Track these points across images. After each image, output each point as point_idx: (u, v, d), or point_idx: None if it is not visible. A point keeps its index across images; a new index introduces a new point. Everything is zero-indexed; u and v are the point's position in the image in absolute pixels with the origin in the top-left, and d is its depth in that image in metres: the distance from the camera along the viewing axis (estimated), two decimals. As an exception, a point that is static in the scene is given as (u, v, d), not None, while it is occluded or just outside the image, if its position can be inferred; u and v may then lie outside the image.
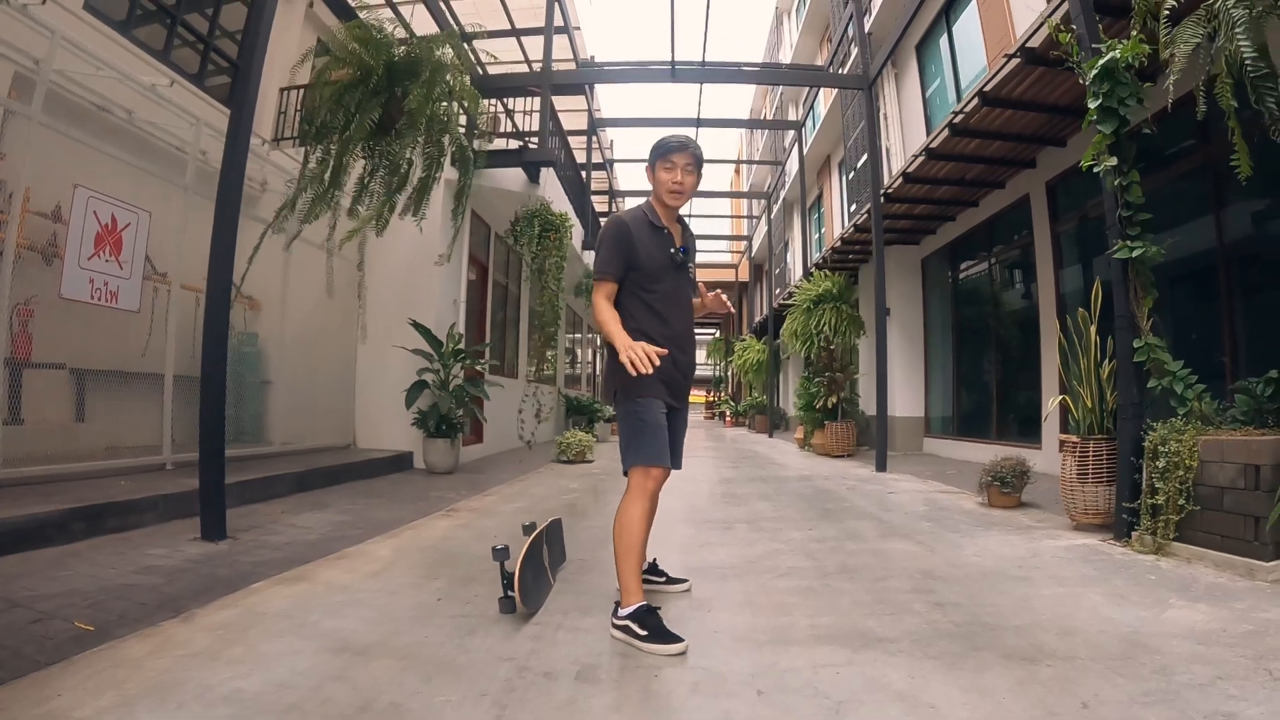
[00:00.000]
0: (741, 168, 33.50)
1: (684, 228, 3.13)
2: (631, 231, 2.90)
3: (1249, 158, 3.90)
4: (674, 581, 3.29)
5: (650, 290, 2.91)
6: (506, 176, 9.51)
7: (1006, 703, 2.03)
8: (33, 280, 4.98)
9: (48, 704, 1.95)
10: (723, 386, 36.97)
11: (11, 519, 3.62)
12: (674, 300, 2.96)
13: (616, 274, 2.89)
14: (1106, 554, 4.00)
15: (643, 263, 2.89)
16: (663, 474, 2.81)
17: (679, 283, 3.00)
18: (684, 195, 2.97)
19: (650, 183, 3.01)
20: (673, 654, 2.41)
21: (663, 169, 2.93)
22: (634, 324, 2.86)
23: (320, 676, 2.20)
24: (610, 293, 2.91)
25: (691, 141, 2.96)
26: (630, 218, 2.97)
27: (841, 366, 11.87)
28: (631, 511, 2.72)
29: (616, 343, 2.70)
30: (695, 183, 2.98)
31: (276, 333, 7.36)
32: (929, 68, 11.85)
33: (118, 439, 5.79)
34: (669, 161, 2.91)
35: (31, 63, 4.93)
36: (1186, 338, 6.09)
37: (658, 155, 2.95)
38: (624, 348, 2.63)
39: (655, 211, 2.99)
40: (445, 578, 3.45)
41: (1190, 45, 3.78)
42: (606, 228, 2.99)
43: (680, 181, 2.92)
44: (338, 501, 5.69)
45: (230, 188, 4.28)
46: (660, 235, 2.96)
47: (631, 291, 2.92)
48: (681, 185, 2.93)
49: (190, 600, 2.95)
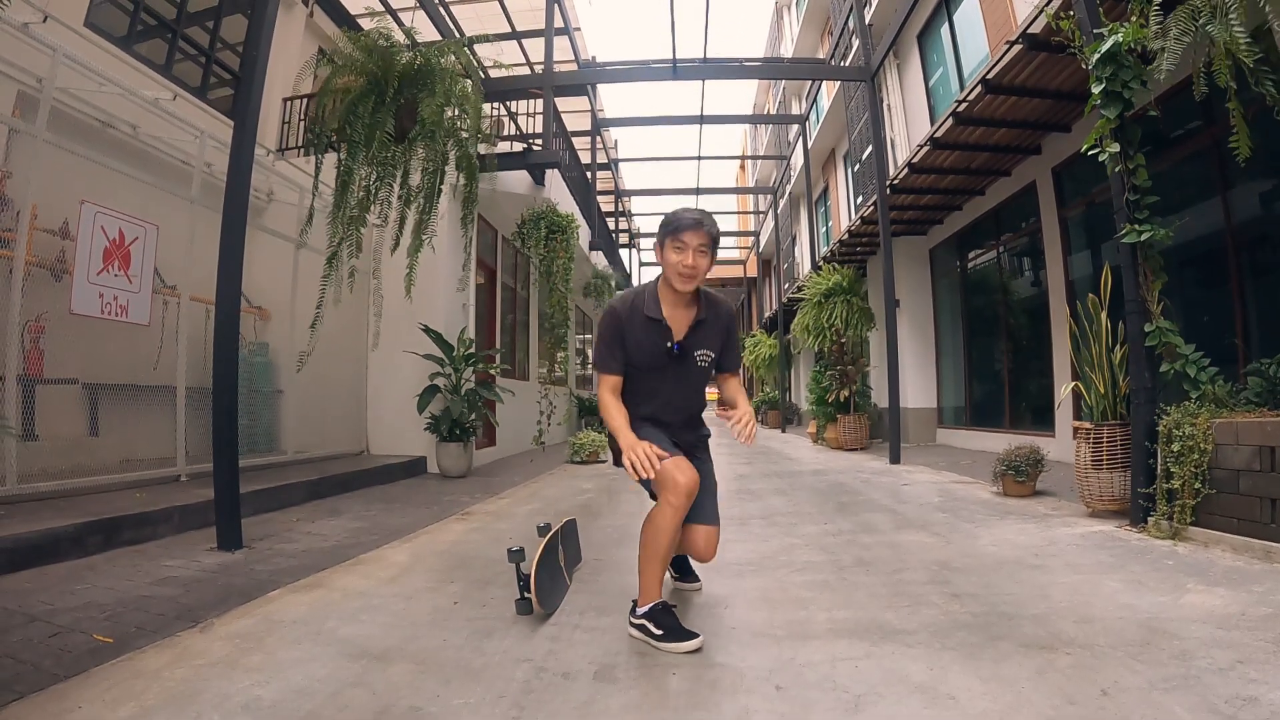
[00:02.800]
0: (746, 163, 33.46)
1: (704, 305, 2.81)
2: (623, 322, 2.74)
3: (1248, 139, 3.90)
4: (687, 579, 3.28)
5: (647, 384, 2.80)
6: (512, 179, 9.53)
7: (1026, 692, 2.02)
8: (42, 297, 5.00)
9: (67, 716, 1.96)
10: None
11: (28, 534, 3.64)
12: (673, 398, 2.83)
13: (615, 368, 2.76)
14: (1123, 540, 3.98)
15: (633, 358, 2.76)
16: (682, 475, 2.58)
17: (682, 373, 2.82)
18: (695, 279, 2.67)
19: (659, 261, 2.75)
20: (687, 651, 2.40)
21: (672, 249, 2.65)
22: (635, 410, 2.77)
23: (338, 683, 2.20)
24: (614, 385, 2.77)
25: (706, 218, 2.68)
26: (624, 306, 2.77)
27: (853, 359, 11.84)
28: (657, 518, 2.60)
29: (620, 441, 2.56)
30: (709, 264, 2.68)
31: (287, 342, 7.39)
32: (931, 57, 11.80)
33: (131, 452, 5.82)
34: (679, 241, 2.63)
35: (35, 81, 4.96)
36: (1198, 321, 6.05)
37: (667, 233, 2.68)
38: (626, 448, 2.47)
39: (656, 297, 2.75)
40: (461, 581, 3.46)
41: (1182, 43, 3.77)
42: (601, 318, 2.86)
43: (692, 265, 2.63)
44: (352, 508, 5.72)
45: (236, 199, 4.30)
46: (655, 328, 2.73)
47: (631, 378, 2.81)
48: (693, 269, 2.64)
49: (207, 610, 2.96)
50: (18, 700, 2.05)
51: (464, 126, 6.43)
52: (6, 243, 4.68)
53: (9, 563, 3.46)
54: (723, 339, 2.88)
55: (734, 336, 2.96)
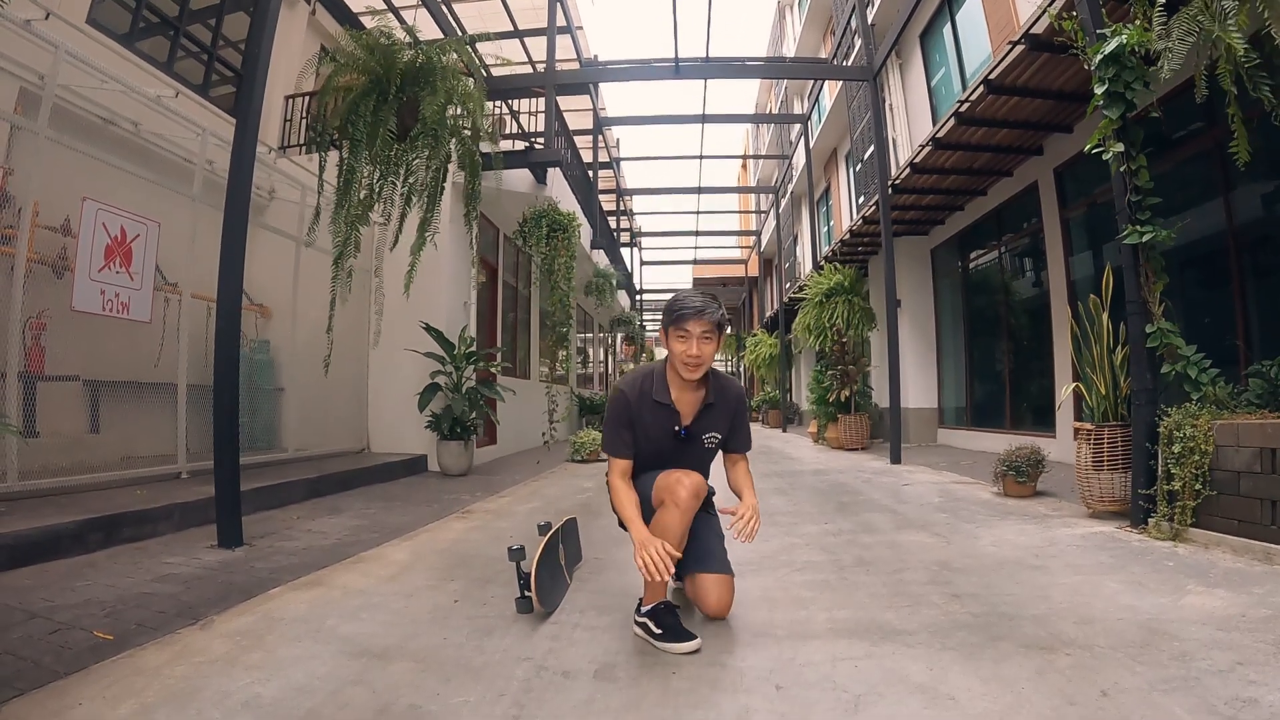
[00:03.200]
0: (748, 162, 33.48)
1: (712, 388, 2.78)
2: (632, 406, 2.74)
3: (1248, 143, 3.90)
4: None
5: (652, 460, 2.80)
6: (513, 177, 9.53)
7: (1026, 693, 2.02)
8: (44, 294, 5.01)
9: (67, 714, 1.96)
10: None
11: (28, 531, 3.65)
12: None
13: (625, 452, 2.76)
14: (1123, 541, 3.98)
15: (640, 440, 2.76)
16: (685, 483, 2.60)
17: (689, 453, 2.81)
18: (701, 367, 2.65)
19: (664, 346, 2.72)
20: (684, 652, 2.40)
21: (676, 338, 2.63)
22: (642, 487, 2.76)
23: (338, 681, 2.21)
24: (624, 470, 2.75)
25: (708, 305, 2.63)
26: (633, 390, 2.76)
27: (854, 359, 11.84)
28: (665, 516, 2.60)
29: (633, 535, 2.53)
30: (714, 350, 2.66)
31: (288, 339, 7.40)
32: (933, 57, 11.79)
33: (132, 449, 5.82)
34: (682, 330, 2.61)
35: (37, 78, 4.96)
36: (1199, 322, 6.04)
37: (669, 321, 2.65)
38: (639, 544, 2.43)
39: (665, 380, 2.74)
40: (462, 579, 3.46)
41: (1186, 43, 3.77)
42: (609, 401, 2.85)
43: (696, 354, 2.61)
44: (353, 506, 5.72)
45: (238, 196, 4.30)
46: (663, 412, 2.74)
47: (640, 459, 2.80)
48: (698, 358, 2.62)
49: (208, 607, 2.96)
50: (18, 697, 2.05)
51: (466, 125, 6.42)
52: (8, 240, 4.68)
53: (10, 559, 3.47)
54: (730, 421, 2.87)
55: (743, 418, 2.93)
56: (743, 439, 2.97)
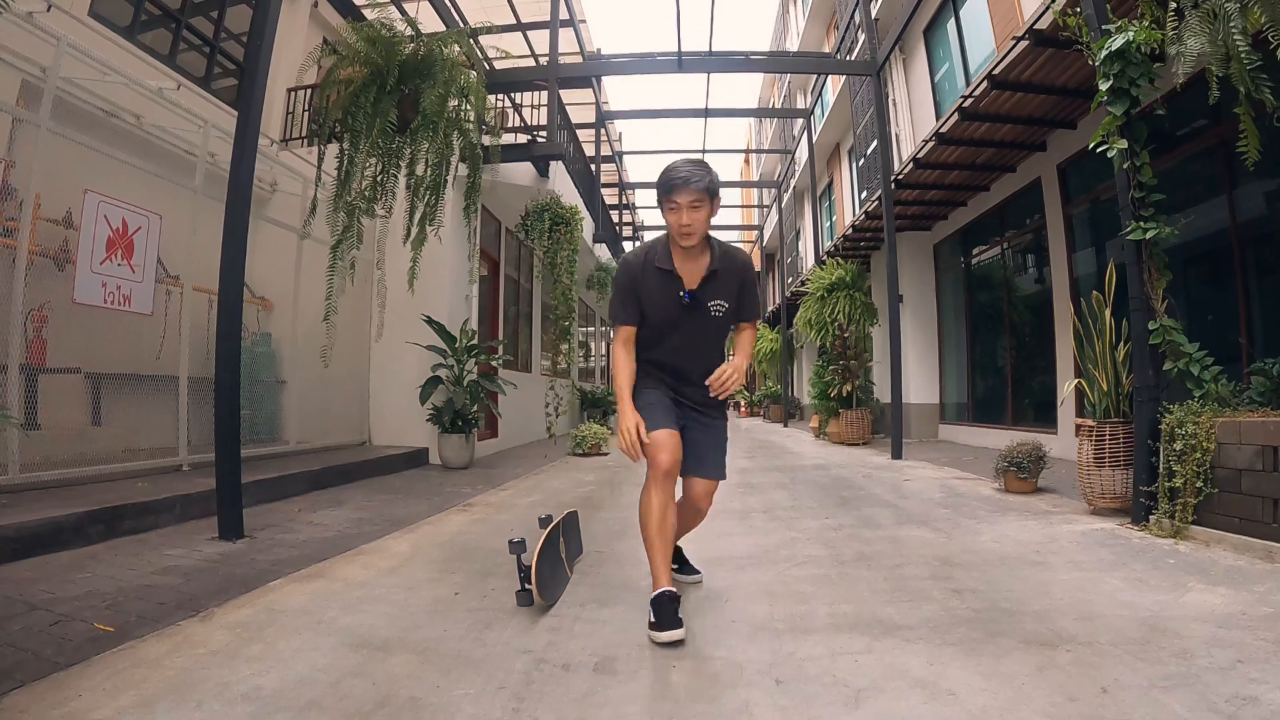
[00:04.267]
0: (751, 157, 33.41)
1: (717, 256, 2.80)
2: (637, 275, 2.80)
3: (1258, 143, 3.87)
4: (685, 571, 3.28)
5: (658, 339, 2.86)
6: (516, 171, 9.53)
7: (1026, 688, 2.02)
8: (45, 286, 5.01)
9: (67, 705, 1.96)
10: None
11: (29, 523, 3.65)
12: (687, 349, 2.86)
13: (628, 319, 2.83)
14: (1124, 538, 3.98)
15: (647, 310, 2.81)
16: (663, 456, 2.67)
17: (697, 325, 2.83)
18: (695, 234, 2.67)
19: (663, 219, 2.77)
20: (662, 641, 2.41)
21: (668, 211, 2.68)
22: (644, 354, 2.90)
23: (338, 672, 2.21)
24: (627, 336, 2.85)
25: (695, 172, 2.64)
26: (637, 259, 2.83)
27: (855, 354, 11.85)
28: (644, 496, 2.70)
29: (619, 408, 2.66)
30: (707, 216, 2.68)
31: (290, 332, 7.40)
32: (937, 52, 11.76)
33: (134, 441, 5.83)
34: (671, 202, 2.65)
35: (39, 70, 4.95)
36: (1202, 319, 6.03)
37: (661, 194, 2.70)
38: (620, 418, 2.61)
39: (668, 249, 2.78)
40: (462, 572, 3.46)
41: (1196, 49, 3.75)
42: (616, 272, 2.91)
43: (686, 223, 2.64)
44: (354, 498, 5.73)
45: (240, 189, 4.29)
46: (666, 279, 2.78)
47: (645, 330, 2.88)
48: (690, 227, 2.65)
49: (208, 599, 2.96)
50: (19, 688, 2.05)
51: (467, 117, 6.42)
52: (10, 232, 4.68)
53: (11, 551, 3.47)
54: (738, 289, 2.87)
55: (750, 287, 2.93)
56: (751, 308, 2.99)
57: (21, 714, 1.89)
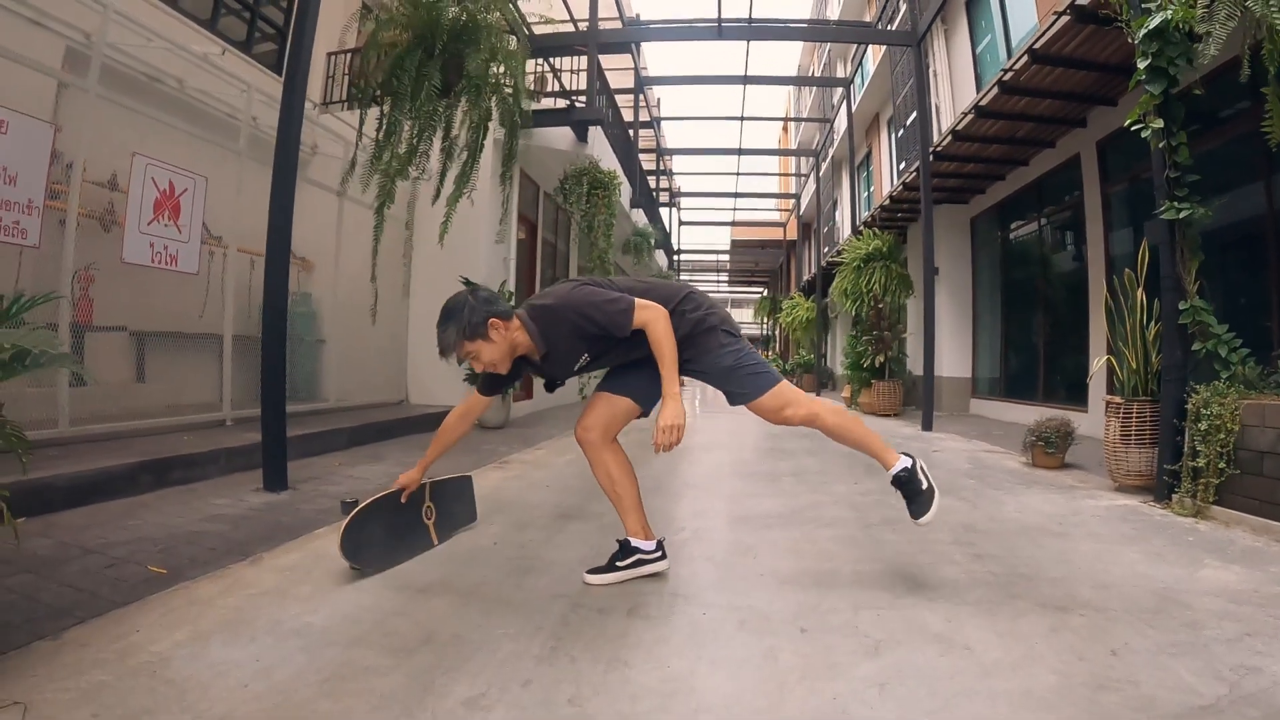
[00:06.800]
0: (789, 125, 33.00)
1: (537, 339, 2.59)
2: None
3: None
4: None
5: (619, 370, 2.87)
6: (555, 135, 9.55)
7: (1039, 647, 2.11)
8: (92, 247, 5.15)
9: (126, 639, 2.08)
10: (770, 345, 36.95)
11: (82, 472, 3.80)
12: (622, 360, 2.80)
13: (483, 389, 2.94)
14: (1146, 515, 4.03)
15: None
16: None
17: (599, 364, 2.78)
18: (497, 365, 2.59)
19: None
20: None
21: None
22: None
23: (384, 612, 2.35)
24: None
25: (440, 341, 2.63)
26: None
27: (889, 325, 11.81)
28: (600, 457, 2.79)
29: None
30: (484, 350, 2.59)
31: (330, 292, 7.55)
32: (979, 24, 11.54)
33: (177, 398, 6.01)
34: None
35: (83, 37, 5.05)
36: (1234, 303, 5.97)
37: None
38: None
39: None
40: (500, 524, 3.61)
41: (1227, 27, 3.71)
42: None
43: (485, 365, 2.61)
44: (393, 454, 5.90)
45: (286, 153, 4.40)
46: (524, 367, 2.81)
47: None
48: (491, 364, 2.60)
49: (256, 545, 3.11)
50: (79, 624, 2.17)
51: (507, 82, 6.47)
52: (59, 195, 4.83)
53: (64, 500, 3.63)
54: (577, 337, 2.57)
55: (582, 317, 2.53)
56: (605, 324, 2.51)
57: (83, 647, 2.01)
